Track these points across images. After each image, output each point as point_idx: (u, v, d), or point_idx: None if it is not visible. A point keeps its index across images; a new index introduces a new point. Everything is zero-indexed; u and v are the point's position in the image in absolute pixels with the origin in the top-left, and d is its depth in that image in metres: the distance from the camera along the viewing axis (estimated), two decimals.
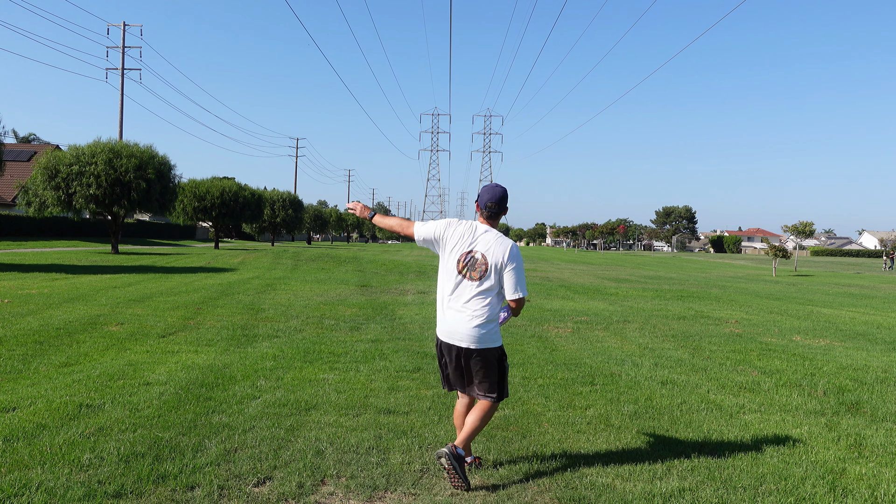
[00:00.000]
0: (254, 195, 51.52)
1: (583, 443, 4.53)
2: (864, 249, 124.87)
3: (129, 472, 3.71)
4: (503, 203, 3.94)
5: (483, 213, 3.94)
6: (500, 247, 3.81)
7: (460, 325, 3.81)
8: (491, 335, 3.81)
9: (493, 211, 3.91)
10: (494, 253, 3.80)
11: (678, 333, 9.99)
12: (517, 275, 3.80)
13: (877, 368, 7.58)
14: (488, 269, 3.78)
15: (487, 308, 3.80)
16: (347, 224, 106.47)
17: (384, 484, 3.73)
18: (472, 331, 3.79)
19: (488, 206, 3.90)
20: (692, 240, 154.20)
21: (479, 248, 3.82)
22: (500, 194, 3.92)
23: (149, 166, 30.02)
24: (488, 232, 3.88)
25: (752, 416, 5.38)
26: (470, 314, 3.81)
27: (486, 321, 3.79)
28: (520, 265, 3.82)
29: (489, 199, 3.90)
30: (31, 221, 42.27)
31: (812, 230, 37.79)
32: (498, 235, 3.87)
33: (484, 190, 3.93)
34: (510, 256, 3.79)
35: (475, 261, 3.81)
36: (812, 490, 3.82)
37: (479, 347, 3.80)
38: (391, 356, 7.28)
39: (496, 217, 3.94)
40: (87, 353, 7.07)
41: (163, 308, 10.94)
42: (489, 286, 3.79)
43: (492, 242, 3.83)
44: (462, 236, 3.88)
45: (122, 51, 43.22)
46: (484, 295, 3.80)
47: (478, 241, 3.85)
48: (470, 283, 3.82)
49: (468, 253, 3.83)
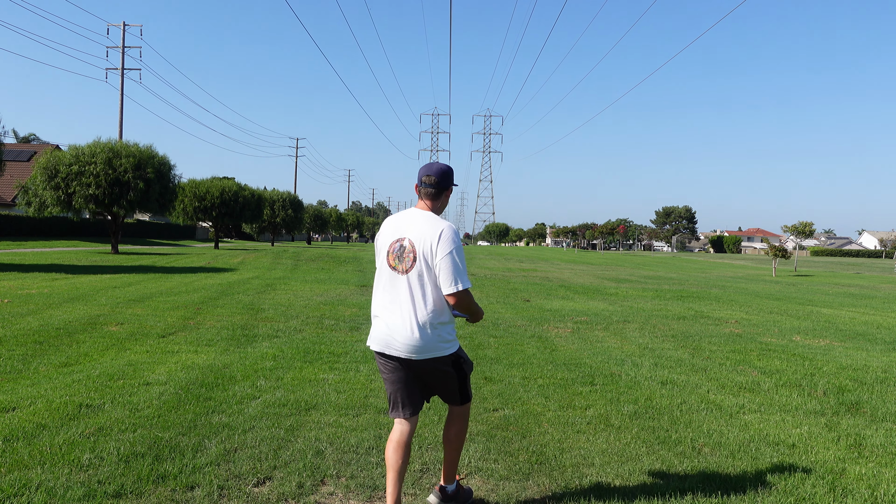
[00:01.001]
0: (254, 195, 51.51)
1: (583, 443, 4.53)
2: (864, 249, 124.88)
3: (129, 472, 3.71)
4: (445, 178, 3.27)
5: (420, 193, 3.30)
6: (431, 229, 3.15)
7: (397, 331, 3.18)
8: (436, 341, 3.17)
9: (432, 188, 3.25)
10: (424, 237, 3.14)
11: (678, 333, 9.99)
12: (452, 263, 3.09)
13: (877, 368, 7.58)
14: (417, 258, 3.14)
15: (428, 306, 3.15)
16: (347, 224, 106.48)
17: (384, 484, 3.72)
18: (409, 336, 3.14)
19: (425, 182, 3.25)
20: (692, 240, 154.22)
21: (407, 234, 3.19)
22: (439, 168, 3.28)
23: (148, 166, 30.03)
24: (421, 214, 3.24)
25: (752, 416, 5.38)
26: (407, 316, 3.16)
27: (431, 323, 3.16)
28: (456, 251, 3.11)
29: (426, 173, 3.26)
30: (31, 221, 42.27)
31: (812, 230, 37.80)
32: (430, 217, 3.21)
33: (422, 167, 3.31)
34: (442, 240, 3.11)
35: (403, 249, 3.18)
36: (812, 490, 3.82)
37: (422, 358, 3.18)
38: None
39: (437, 197, 3.28)
40: (87, 353, 7.07)
41: (163, 308, 10.94)
42: (424, 279, 3.15)
43: (422, 225, 3.18)
44: (396, 226, 3.27)
45: (122, 51, 43.24)
46: (419, 290, 3.16)
47: (409, 225, 3.22)
48: (401, 277, 3.18)
49: (397, 241, 3.21)
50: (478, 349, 7.97)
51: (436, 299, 3.16)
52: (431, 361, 3.23)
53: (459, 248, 3.14)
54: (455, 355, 3.32)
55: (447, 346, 3.24)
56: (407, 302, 3.16)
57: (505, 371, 6.73)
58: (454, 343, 3.29)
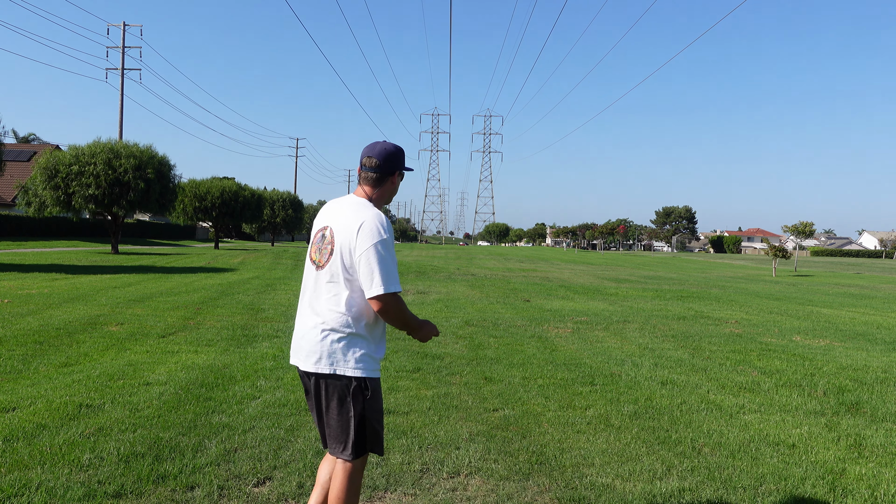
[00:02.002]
0: (254, 195, 51.52)
1: (583, 443, 4.53)
2: (864, 249, 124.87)
3: (129, 472, 3.71)
4: (389, 161, 2.74)
5: (360, 178, 2.79)
6: (355, 216, 2.62)
7: (304, 337, 2.71)
8: (344, 353, 2.62)
9: (372, 172, 2.73)
10: (345, 227, 2.62)
11: (678, 333, 9.99)
12: (375, 259, 2.53)
13: (877, 368, 7.58)
14: (334, 252, 2.63)
15: (340, 309, 2.63)
16: None
17: (384, 484, 3.73)
18: (315, 345, 2.64)
19: (365, 165, 2.75)
20: (692, 240, 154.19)
21: (331, 223, 2.70)
22: (383, 148, 2.75)
23: (148, 166, 30.02)
24: (353, 201, 2.73)
25: (752, 416, 5.38)
26: (317, 320, 2.67)
27: (337, 329, 2.62)
28: (382, 245, 2.55)
29: (367, 154, 2.75)
30: (31, 221, 42.26)
31: (812, 230, 37.81)
32: (359, 204, 2.69)
33: (364, 147, 2.81)
34: (363, 231, 2.57)
35: (324, 240, 2.71)
36: (812, 490, 3.82)
37: (318, 371, 2.64)
38: (391, 356, 7.28)
39: (379, 183, 2.75)
40: (87, 353, 7.07)
41: (163, 308, 10.94)
42: (339, 276, 2.62)
43: (347, 213, 2.66)
44: (326, 213, 2.79)
45: (122, 51, 43.22)
46: (333, 289, 2.64)
47: (336, 213, 2.72)
48: (318, 272, 2.70)
49: (320, 231, 2.75)
50: (478, 349, 7.97)
51: (350, 302, 2.61)
52: (327, 379, 2.64)
53: (387, 242, 2.58)
54: (363, 384, 2.64)
55: (355, 364, 2.62)
56: (317, 301, 2.68)
57: (505, 371, 6.73)
58: (369, 368, 2.65)
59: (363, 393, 2.64)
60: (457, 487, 3.73)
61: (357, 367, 2.63)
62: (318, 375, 2.66)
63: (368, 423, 2.67)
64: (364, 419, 2.65)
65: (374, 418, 2.69)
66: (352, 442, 2.65)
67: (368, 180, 2.75)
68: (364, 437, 2.67)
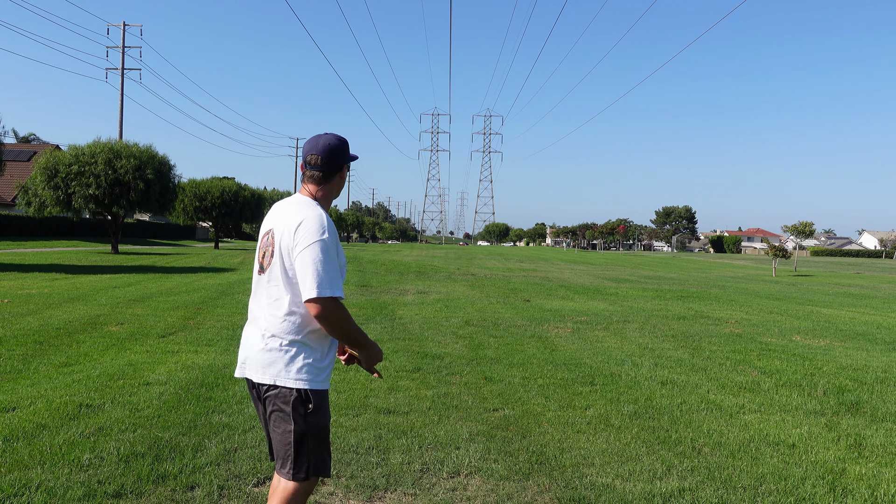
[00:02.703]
0: (254, 195, 51.53)
1: (583, 443, 4.53)
2: (864, 249, 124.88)
3: (129, 472, 3.71)
4: (333, 157, 2.56)
5: (304, 175, 2.62)
6: (296, 216, 2.45)
7: (248, 345, 2.56)
8: (286, 362, 2.44)
9: (317, 171, 2.56)
10: (286, 226, 2.46)
11: (678, 333, 9.99)
12: (312, 259, 2.35)
13: (877, 368, 7.58)
14: (275, 253, 2.48)
15: (282, 315, 2.46)
16: (347, 224, 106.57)
17: (384, 484, 3.73)
18: (257, 352, 2.49)
19: (309, 163, 2.57)
20: (692, 240, 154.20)
21: (273, 224, 2.54)
22: (326, 143, 2.55)
23: (148, 166, 30.03)
24: (296, 200, 2.57)
25: (752, 416, 5.38)
26: (260, 326, 2.53)
27: (280, 336, 2.45)
28: (321, 245, 2.37)
29: (309, 151, 2.57)
30: (31, 221, 42.26)
31: (812, 230, 37.80)
32: (302, 202, 2.53)
33: (306, 142, 2.62)
34: (302, 229, 2.40)
35: (266, 242, 2.56)
36: (812, 490, 3.82)
37: (264, 382, 2.47)
38: (391, 356, 7.28)
39: (325, 180, 2.58)
40: (87, 353, 7.07)
41: (163, 308, 10.94)
42: (280, 280, 2.46)
43: (289, 212, 2.51)
44: (271, 214, 2.63)
45: (122, 51, 43.22)
46: (275, 294, 2.48)
47: (279, 213, 2.56)
48: (261, 276, 2.56)
49: (266, 234, 2.58)
50: (478, 349, 7.97)
51: (293, 307, 2.44)
52: (269, 390, 2.47)
53: (327, 243, 2.39)
54: (305, 396, 2.44)
55: (297, 375, 2.44)
56: (260, 307, 2.54)
57: (505, 371, 6.73)
58: (312, 379, 2.45)
59: (304, 406, 2.43)
60: (457, 487, 3.73)
61: (299, 378, 2.43)
62: (260, 386, 2.50)
63: (309, 441, 2.44)
64: (304, 435, 2.44)
65: (316, 435, 2.46)
66: (291, 460, 2.45)
67: (314, 179, 2.58)
68: (304, 456, 2.45)
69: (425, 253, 51.07)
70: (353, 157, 2.64)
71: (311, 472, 2.47)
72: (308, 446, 2.45)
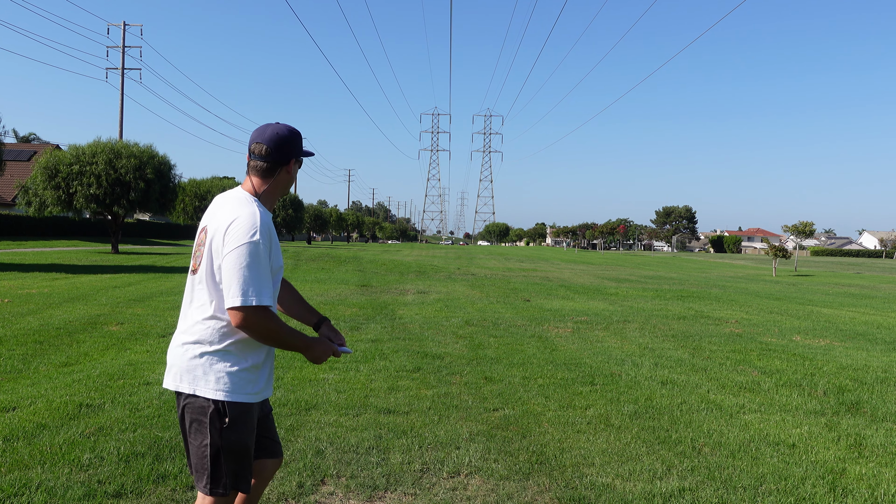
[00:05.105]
0: None
1: (583, 443, 4.53)
2: (864, 249, 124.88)
3: (129, 471, 3.71)
4: (281, 148, 2.35)
5: (248, 167, 2.41)
6: (229, 214, 2.26)
7: (171, 351, 2.38)
8: (205, 370, 2.26)
9: (262, 161, 2.35)
10: (219, 224, 2.27)
11: (678, 333, 9.99)
12: (238, 262, 2.16)
13: (877, 368, 7.58)
14: (205, 253, 2.29)
15: (206, 320, 2.28)
16: (347, 224, 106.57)
17: (384, 484, 3.73)
18: (178, 359, 2.32)
19: (254, 153, 2.37)
20: (692, 240, 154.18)
21: (209, 221, 2.35)
22: (274, 133, 2.35)
23: (148, 166, 30.03)
24: (235, 195, 2.37)
25: (752, 416, 5.38)
26: (184, 330, 2.34)
27: (201, 342, 2.28)
28: (250, 248, 2.18)
29: (255, 140, 2.37)
30: (31, 221, 42.27)
31: (812, 230, 37.80)
32: (240, 198, 2.33)
33: (253, 131, 2.42)
34: (233, 229, 2.21)
35: (199, 240, 2.36)
36: (812, 490, 3.82)
37: (183, 390, 2.30)
38: (391, 356, 7.28)
39: (269, 173, 2.37)
40: (87, 352, 7.08)
41: (163, 308, 10.95)
42: (208, 283, 2.28)
43: (225, 208, 2.31)
44: (209, 210, 2.43)
45: (122, 50, 43.23)
46: (202, 297, 2.30)
47: (215, 209, 2.37)
48: (191, 277, 2.37)
49: (201, 231, 2.37)
50: (478, 349, 7.97)
51: (219, 313, 2.26)
52: (187, 399, 2.29)
53: (257, 245, 2.19)
54: (220, 409, 2.26)
55: (215, 385, 2.25)
56: (188, 311, 2.35)
57: (505, 371, 6.73)
58: (235, 391, 2.27)
59: (220, 419, 2.25)
60: (457, 487, 3.73)
61: (218, 389, 2.24)
62: (179, 395, 2.32)
63: (224, 456, 2.26)
64: (219, 451, 2.26)
65: (232, 450, 2.27)
66: (208, 475, 2.27)
67: (257, 170, 2.37)
68: (221, 470, 2.27)
69: (426, 253, 51.08)
70: (306, 153, 2.45)
71: (229, 487, 2.30)
72: (218, 462, 2.27)
